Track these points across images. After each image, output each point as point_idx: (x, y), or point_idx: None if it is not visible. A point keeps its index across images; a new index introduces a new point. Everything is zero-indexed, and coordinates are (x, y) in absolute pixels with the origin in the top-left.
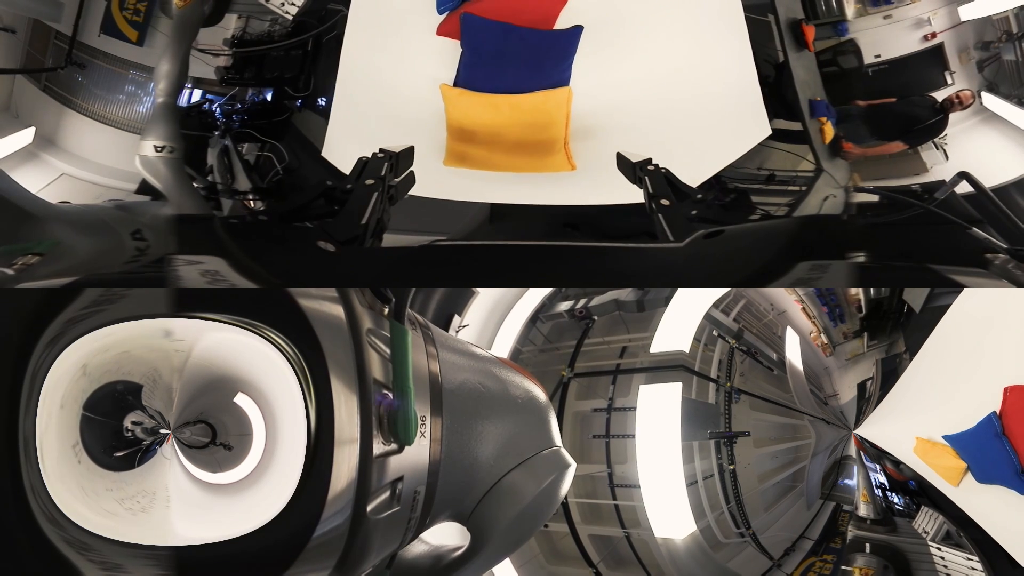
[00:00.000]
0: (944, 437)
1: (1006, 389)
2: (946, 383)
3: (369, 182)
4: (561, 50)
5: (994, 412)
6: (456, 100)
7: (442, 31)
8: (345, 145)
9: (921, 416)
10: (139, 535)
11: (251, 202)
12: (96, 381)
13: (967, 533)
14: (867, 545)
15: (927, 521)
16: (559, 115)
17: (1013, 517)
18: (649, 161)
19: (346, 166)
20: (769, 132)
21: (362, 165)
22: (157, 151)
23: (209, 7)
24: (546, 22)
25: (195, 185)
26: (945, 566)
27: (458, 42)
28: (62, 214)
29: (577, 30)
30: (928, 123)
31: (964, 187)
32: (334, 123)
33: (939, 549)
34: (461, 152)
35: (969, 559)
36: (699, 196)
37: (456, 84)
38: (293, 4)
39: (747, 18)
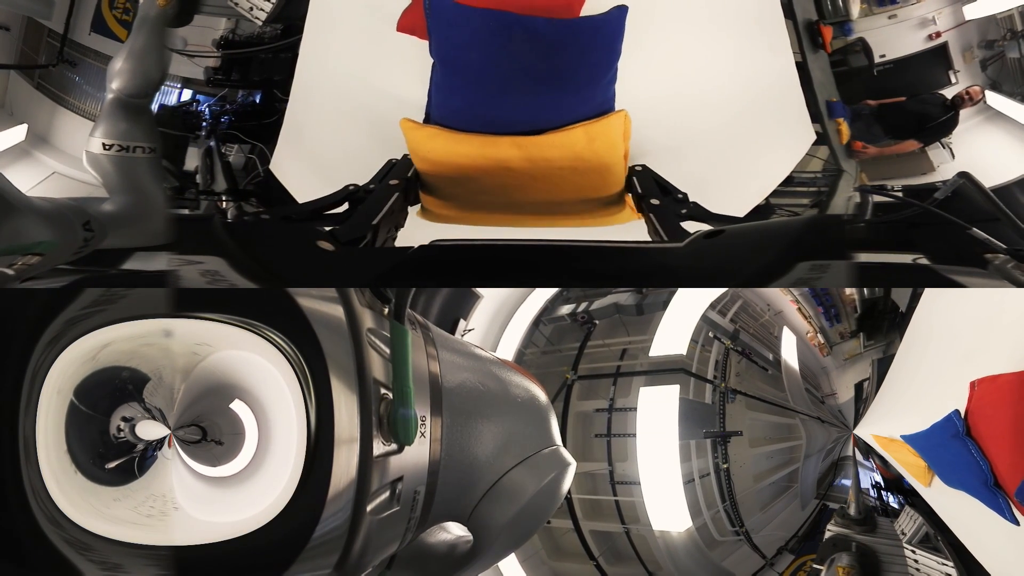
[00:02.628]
0: (902, 437)
1: (972, 383)
2: (944, 382)
3: (393, 182)
4: (601, 47)
5: (956, 411)
6: (425, 143)
7: (404, 25)
8: (291, 164)
9: (919, 415)
10: (166, 537)
11: (223, 203)
12: (100, 364)
13: (944, 536)
14: (839, 543)
15: (907, 522)
16: (614, 157)
17: (986, 522)
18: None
19: (292, 185)
20: (814, 137)
21: (390, 166)
22: (105, 148)
23: (173, 8)
24: (567, 9)
25: (164, 185)
26: (918, 569)
27: (425, 43)
28: (36, 208)
29: (621, 13)
30: (940, 120)
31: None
32: (284, 137)
33: (913, 552)
34: (443, 213)
35: (943, 564)
36: (680, 195)
37: (428, 117)
38: (262, 10)
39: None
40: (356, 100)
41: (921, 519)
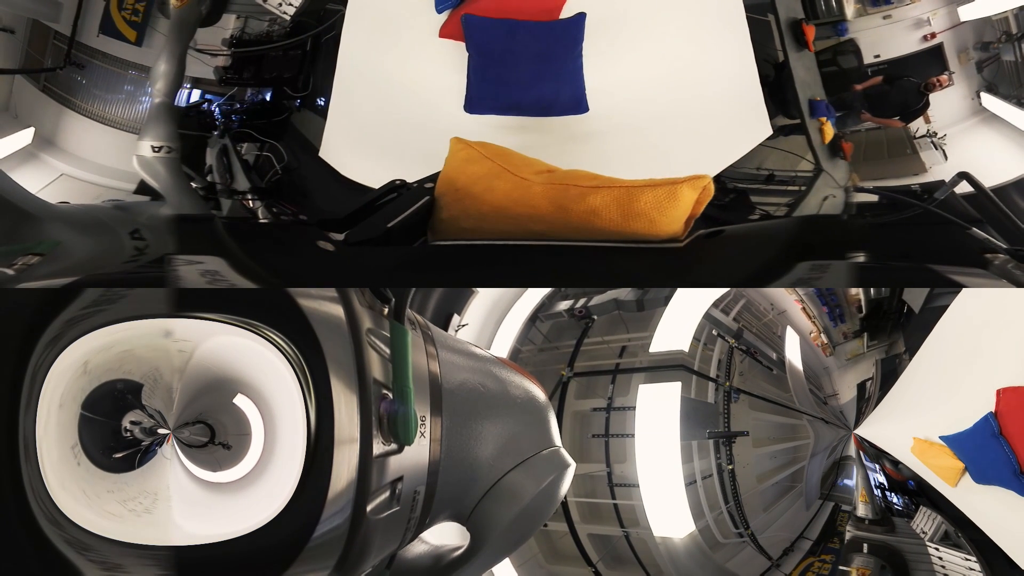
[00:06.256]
0: (941, 438)
1: (999, 391)
2: (946, 383)
3: (429, 185)
4: (570, 38)
5: (991, 413)
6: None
7: (445, 33)
8: (342, 146)
9: (921, 416)
10: (143, 536)
11: (250, 202)
12: (96, 379)
13: (965, 533)
14: (865, 545)
15: (925, 521)
16: (671, 229)
17: (1011, 517)
18: None
19: (343, 166)
20: (770, 132)
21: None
22: (155, 151)
23: (206, 7)
24: (550, 14)
25: (193, 185)
26: (943, 566)
27: (461, 43)
28: (61, 214)
29: (581, 16)
30: (917, 107)
31: (963, 187)
32: (331, 123)
33: (937, 549)
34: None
35: (967, 559)
36: None
37: (468, 92)
38: (291, 4)
39: (747, 18)
40: (400, 87)
41: (940, 518)
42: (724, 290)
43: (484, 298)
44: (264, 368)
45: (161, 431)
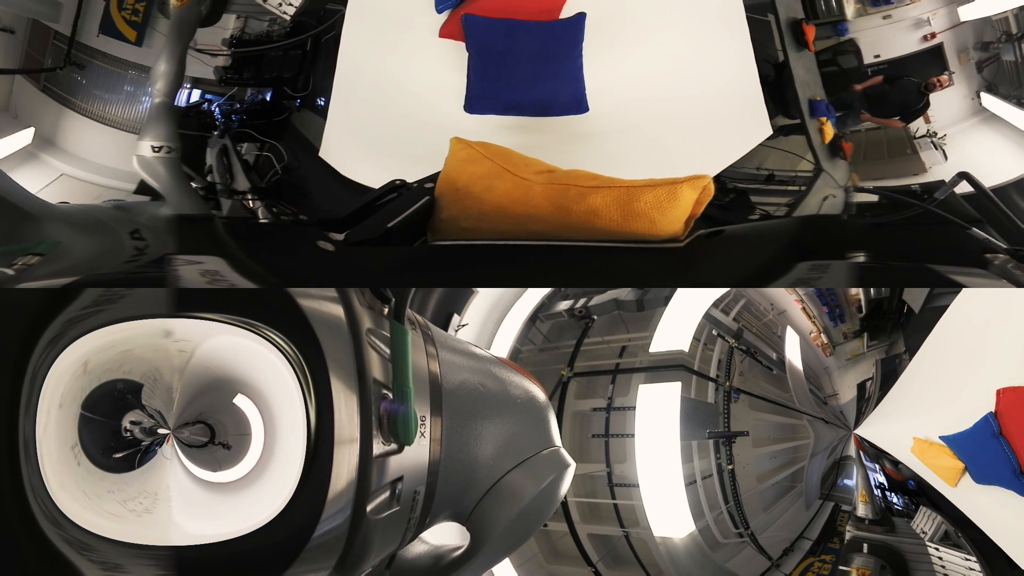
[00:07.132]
0: (941, 438)
1: (999, 391)
2: (946, 384)
3: (429, 185)
4: (570, 38)
5: (991, 413)
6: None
7: (444, 33)
8: (342, 146)
9: (921, 416)
10: (143, 536)
11: (250, 202)
12: (96, 379)
13: (965, 533)
14: (864, 545)
15: (925, 521)
16: (671, 229)
17: (1011, 517)
18: None
19: (343, 166)
20: (770, 132)
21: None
22: (155, 151)
23: (206, 7)
24: (550, 14)
25: (193, 185)
26: (943, 566)
27: (460, 43)
28: (61, 214)
29: (581, 16)
30: (917, 107)
31: (963, 187)
32: (331, 123)
33: (937, 549)
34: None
35: (967, 559)
36: None
37: (468, 92)
38: (291, 4)
39: (747, 18)
40: (400, 86)
41: (940, 518)
42: (724, 290)
43: (484, 298)
44: (264, 368)
45: (161, 431)
